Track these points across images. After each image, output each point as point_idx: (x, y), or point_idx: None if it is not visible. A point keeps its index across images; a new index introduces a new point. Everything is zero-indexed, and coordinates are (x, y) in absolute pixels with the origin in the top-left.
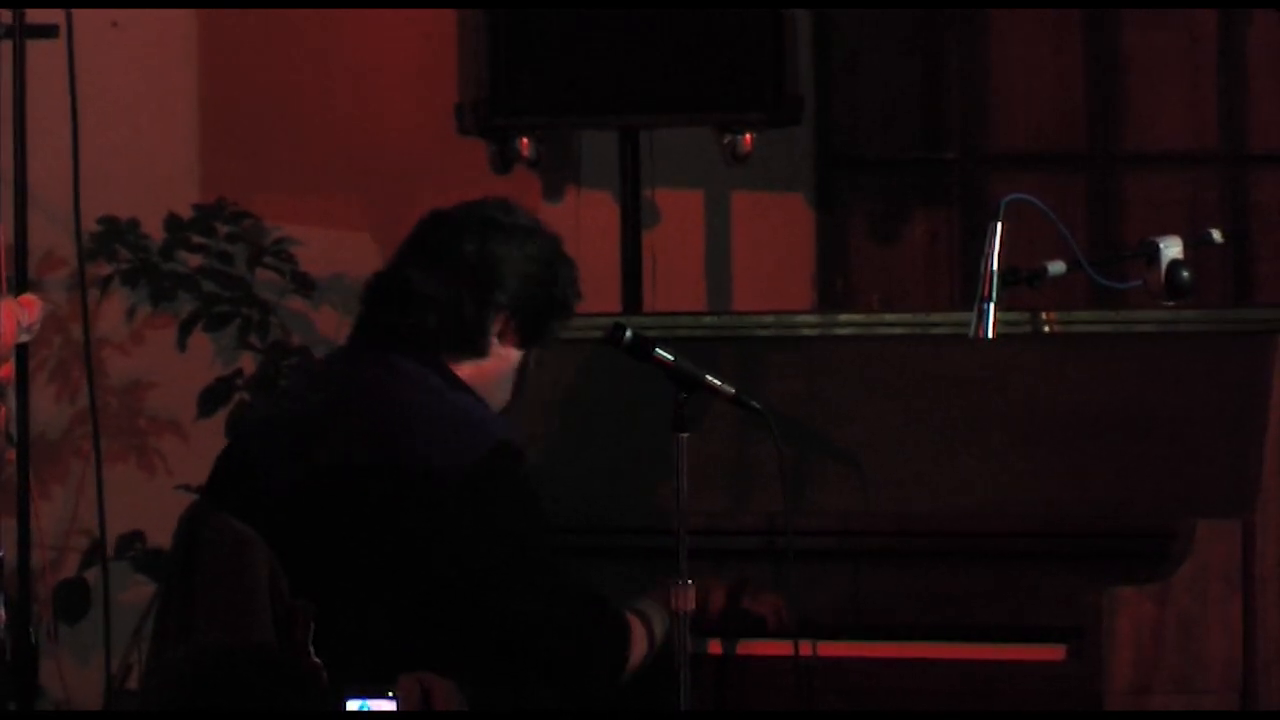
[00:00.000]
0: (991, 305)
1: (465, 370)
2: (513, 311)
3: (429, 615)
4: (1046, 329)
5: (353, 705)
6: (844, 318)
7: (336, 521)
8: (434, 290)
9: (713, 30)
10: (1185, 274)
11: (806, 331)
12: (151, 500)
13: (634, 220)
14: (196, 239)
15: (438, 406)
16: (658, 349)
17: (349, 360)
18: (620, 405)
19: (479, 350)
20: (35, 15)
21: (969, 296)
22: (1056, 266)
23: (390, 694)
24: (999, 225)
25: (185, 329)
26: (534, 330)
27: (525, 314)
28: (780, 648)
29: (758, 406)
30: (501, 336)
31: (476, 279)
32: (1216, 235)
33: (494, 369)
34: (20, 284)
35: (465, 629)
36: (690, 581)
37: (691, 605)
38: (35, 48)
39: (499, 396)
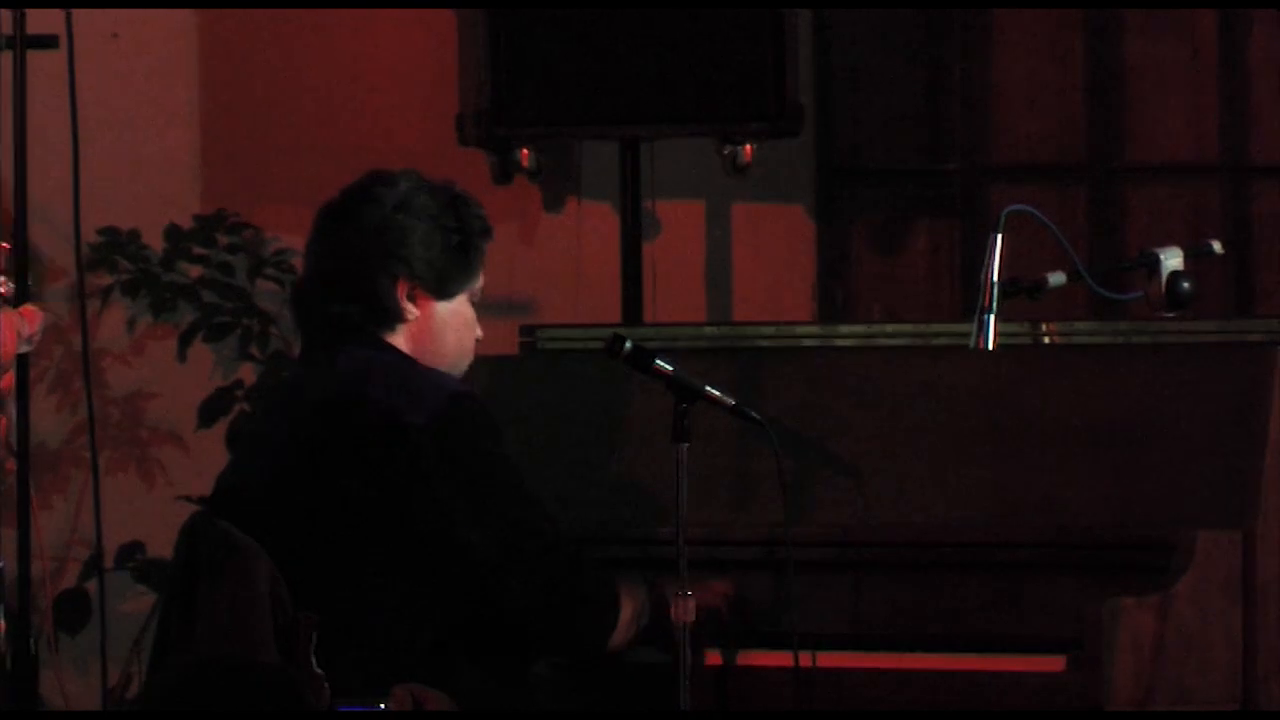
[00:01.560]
0: (992, 316)
1: (400, 339)
2: (410, 275)
3: (418, 577)
4: (1047, 340)
5: None
6: (844, 329)
7: (316, 493)
8: (342, 278)
9: (713, 41)
10: (1186, 285)
11: (807, 342)
12: (152, 511)
13: (634, 231)
14: (197, 249)
15: (393, 369)
16: (658, 360)
17: (308, 360)
18: (620, 416)
19: (397, 317)
20: (35, 26)
21: (971, 307)
22: (1057, 277)
23: (382, 705)
24: (999, 236)
25: (185, 339)
26: (443, 283)
27: (424, 274)
28: (780, 658)
29: (758, 417)
30: (412, 298)
31: (368, 258)
32: (1217, 246)
33: (425, 327)
34: (21, 295)
35: (451, 583)
36: (690, 593)
37: (692, 616)
38: (36, 58)
39: (450, 344)
